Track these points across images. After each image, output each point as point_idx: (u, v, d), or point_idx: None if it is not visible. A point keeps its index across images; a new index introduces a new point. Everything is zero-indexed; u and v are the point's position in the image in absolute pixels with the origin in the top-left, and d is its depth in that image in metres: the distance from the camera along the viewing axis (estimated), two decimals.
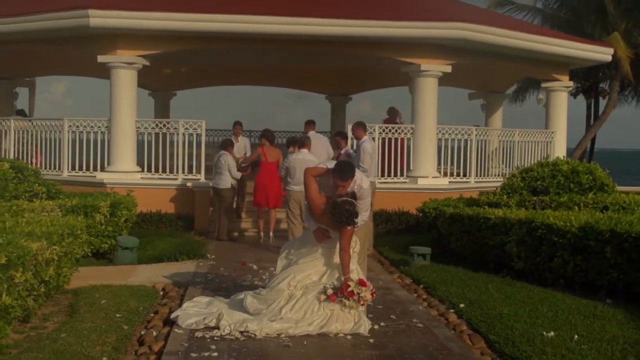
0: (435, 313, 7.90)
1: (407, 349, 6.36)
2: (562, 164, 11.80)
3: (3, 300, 5.94)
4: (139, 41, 14.65)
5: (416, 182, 15.00)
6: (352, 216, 6.82)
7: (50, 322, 7.00)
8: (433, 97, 15.17)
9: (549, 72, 17.87)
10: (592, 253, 8.58)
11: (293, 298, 6.95)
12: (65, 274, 7.99)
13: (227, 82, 21.56)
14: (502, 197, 11.67)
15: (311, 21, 14.31)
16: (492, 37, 15.16)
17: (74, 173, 15.17)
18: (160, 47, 14.82)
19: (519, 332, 6.65)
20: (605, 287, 8.45)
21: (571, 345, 6.20)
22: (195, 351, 6.16)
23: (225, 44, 15.13)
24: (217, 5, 14.58)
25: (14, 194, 10.84)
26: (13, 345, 6.10)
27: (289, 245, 7.65)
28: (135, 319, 7.18)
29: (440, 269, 10.15)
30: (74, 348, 6.03)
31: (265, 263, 10.42)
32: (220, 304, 7.36)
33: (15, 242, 6.55)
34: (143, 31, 14.39)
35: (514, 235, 9.60)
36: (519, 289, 8.65)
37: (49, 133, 15.53)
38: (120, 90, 14.75)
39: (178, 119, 15.26)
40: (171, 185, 14.88)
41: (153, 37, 14.58)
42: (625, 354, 6.00)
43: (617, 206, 10.76)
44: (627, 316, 7.29)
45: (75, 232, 8.46)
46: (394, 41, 14.75)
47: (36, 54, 17.24)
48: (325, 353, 6.26)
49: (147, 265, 10.43)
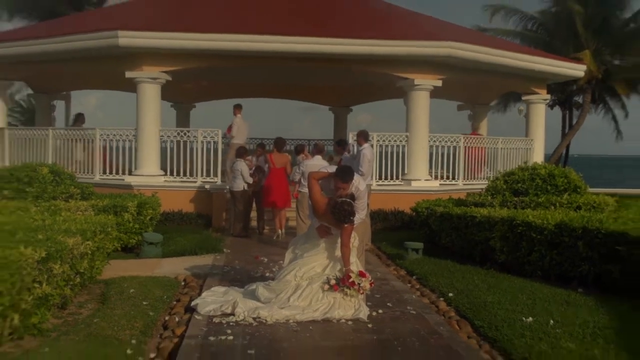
0: (426, 301, 7.95)
1: (401, 333, 6.40)
2: (540, 168, 11.84)
3: (43, 289, 6.02)
4: (163, 59, 14.74)
5: (410, 185, 15.06)
6: (350, 215, 6.89)
7: (84, 309, 7.06)
8: (425, 108, 15.23)
9: (528, 86, 17.94)
10: (566, 248, 8.65)
11: (299, 288, 6.99)
12: (98, 266, 8.06)
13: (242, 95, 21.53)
14: (487, 197, 11.72)
15: (316, 40, 14.40)
16: (477, 54, 15.25)
17: (104, 176, 15.28)
18: (181, 63, 14.89)
19: (501, 317, 6.70)
20: (578, 278, 8.50)
21: (547, 329, 6.26)
22: (213, 335, 6.20)
23: (240, 61, 15.17)
24: (231, 27, 14.65)
25: (52, 195, 10.92)
26: (52, 329, 6.16)
27: (296, 241, 7.68)
28: (160, 306, 7.24)
29: (432, 262, 10.20)
30: (105, 332, 6.10)
31: (275, 257, 10.46)
32: (235, 293, 7.40)
33: (53, 238, 6.63)
34: (166, 50, 14.51)
35: (497, 232, 9.66)
36: (501, 280, 8.71)
37: (84, 140, 15.66)
38: (145, 103, 14.87)
39: (197, 128, 15.35)
40: (191, 187, 14.95)
41: (175, 55, 14.67)
42: (595, 337, 6.05)
43: (589, 206, 10.82)
44: (597, 304, 7.33)
45: (106, 229, 8.53)
46: (390, 58, 14.81)
47: (71, 70, 17.31)
48: (329, 337, 6.30)
49: (170, 259, 10.47)
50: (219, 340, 6.04)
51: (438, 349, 5.96)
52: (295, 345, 6.04)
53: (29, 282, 5.80)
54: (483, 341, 6.29)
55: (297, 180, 12.02)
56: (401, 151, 15.29)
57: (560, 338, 5.97)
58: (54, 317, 6.52)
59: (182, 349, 5.81)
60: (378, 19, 17.14)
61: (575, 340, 5.91)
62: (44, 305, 6.08)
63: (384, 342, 6.17)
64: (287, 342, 6.11)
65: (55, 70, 17.38)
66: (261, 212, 13.85)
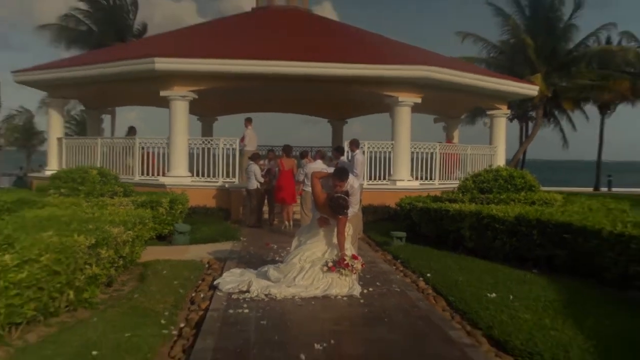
0: (408, 280, 7.92)
1: (388, 307, 6.40)
2: (502, 171, 11.80)
3: (93, 270, 6.03)
4: (190, 80, 14.71)
5: (395, 184, 15.01)
6: (344, 208, 6.90)
7: (126, 286, 7.07)
8: (407, 121, 15.18)
9: (492, 103, 17.89)
10: (523, 236, 8.65)
11: (303, 269, 6.99)
12: (137, 251, 8.04)
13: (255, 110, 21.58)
14: (459, 195, 11.68)
15: (318, 64, 14.39)
16: (451, 77, 15.21)
17: (143, 177, 15.24)
18: (206, 84, 14.85)
19: (469, 294, 6.70)
20: (532, 261, 8.51)
21: (507, 303, 6.25)
22: (232, 308, 6.21)
23: (254, 82, 15.12)
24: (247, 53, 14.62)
25: (100, 193, 10.93)
26: (100, 302, 6.19)
27: (300, 231, 7.67)
28: (188, 285, 7.23)
29: (413, 248, 10.15)
30: (144, 305, 6.11)
31: (283, 244, 10.42)
32: (250, 274, 7.39)
33: (101, 227, 6.65)
34: (193, 73, 14.49)
35: (466, 223, 9.64)
36: (470, 263, 8.69)
37: (126, 148, 15.62)
38: (176, 116, 14.82)
39: (219, 137, 15.28)
40: (213, 186, 14.90)
41: (200, 77, 14.64)
42: (546, 309, 6.06)
43: (541, 202, 10.79)
44: (548, 282, 7.33)
45: (144, 220, 8.52)
46: (379, 80, 14.76)
47: (115, 90, 17.31)
48: (327, 310, 6.30)
49: (196, 246, 10.46)
50: (237, 313, 6.05)
51: (418, 320, 5.95)
52: (300, 316, 6.05)
53: (81, 264, 5.81)
54: (455, 313, 6.30)
55: (301, 180, 11.97)
56: (387, 156, 15.23)
57: (517, 310, 5.97)
58: (101, 292, 6.55)
59: (206, 319, 5.82)
60: (369, 47, 17.11)
61: (530, 312, 5.92)
62: (93, 283, 6.10)
63: (373, 314, 6.18)
64: (293, 314, 6.12)
65: (103, 90, 17.36)
66: (272, 206, 13.81)
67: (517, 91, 17.91)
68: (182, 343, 5.21)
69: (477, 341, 5.33)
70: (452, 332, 5.51)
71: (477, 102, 18.86)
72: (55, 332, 5.18)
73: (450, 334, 5.45)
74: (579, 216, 8.32)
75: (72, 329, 5.25)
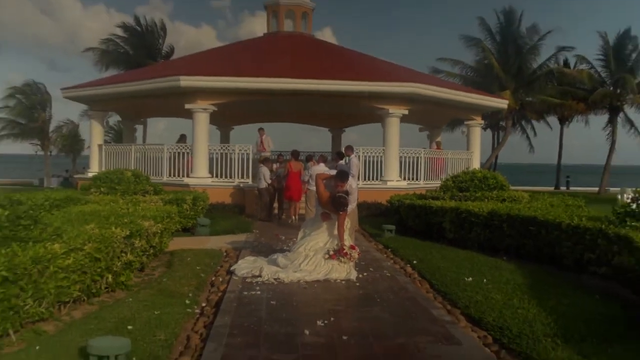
0: (397, 267, 7.91)
1: (380, 289, 6.41)
2: (477, 173, 11.79)
3: (128, 257, 6.02)
4: (211, 95, 14.70)
5: (386, 184, 14.97)
6: (344, 205, 6.89)
7: (156, 272, 7.07)
8: (397, 129, 15.14)
9: (469, 114, 17.84)
10: (495, 228, 8.62)
11: (308, 257, 6.99)
12: (165, 241, 8.02)
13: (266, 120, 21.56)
14: (440, 193, 11.64)
15: (319, 82, 14.42)
16: (434, 92, 15.22)
17: (170, 178, 15.22)
18: (224, 98, 14.85)
19: (450, 278, 6.69)
20: (503, 250, 8.48)
21: (482, 286, 6.25)
22: (246, 290, 6.22)
23: (266, 96, 15.13)
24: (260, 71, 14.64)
25: (134, 191, 10.91)
26: (134, 285, 6.20)
27: (305, 224, 7.67)
28: (209, 270, 7.24)
29: (401, 239, 10.12)
30: (171, 287, 6.12)
31: (290, 235, 10.40)
32: (262, 261, 7.38)
33: (134, 221, 6.64)
34: (213, 89, 14.49)
35: (447, 217, 9.61)
36: (450, 251, 8.65)
37: (156, 153, 15.64)
38: (198, 126, 14.80)
39: (235, 144, 15.25)
40: (230, 186, 14.86)
41: (219, 92, 14.64)
42: (514, 290, 6.05)
43: (511, 199, 10.75)
44: (516, 267, 7.32)
45: (171, 215, 8.51)
46: (372, 94, 14.75)
47: (147, 103, 17.31)
48: (328, 291, 6.31)
49: (215, 237, 10.44)
50: (250, 294, 6.05)
51: (405, 300, 5.95)
52: (304, 297, 6.05)
53: (118, 252, 5.81)
54: (437, 294, 6.29)
55: (306, 181, 11.96)
56: (379, 160, 15.18)
57: (490, 292, 5.96)
58: (135, 277, 6.55)
59: (224, 300, 5.82)
60: (363, 67, 17.03)
61: (500, 293, 5.91)
62: (128, 269, 6.09)
63: (367, 295, 6.18)
64: (298, 295, 6.12)
65: (137, 104, 17.38)
66: (281, 203, 13.79)
67: (489, 104, 17.89)
68: (203, 320, 5.21)
69: (456, 318, 5.32)
70: (435, 311, 5.51)
71: (455, 113, 18.81)
72: (96, 310, 5.19)
73: (433, 313, 5.45)
74: (542, 211, 8.29)
75: (110, 307, 5.25)
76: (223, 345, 4.40)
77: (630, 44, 28.23)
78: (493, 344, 4.63)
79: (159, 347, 4.26)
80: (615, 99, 28.24)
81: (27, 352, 4.04)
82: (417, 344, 4.51)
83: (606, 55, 28.47)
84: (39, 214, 5.68)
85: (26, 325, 4.53)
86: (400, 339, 4.63)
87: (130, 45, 30.22)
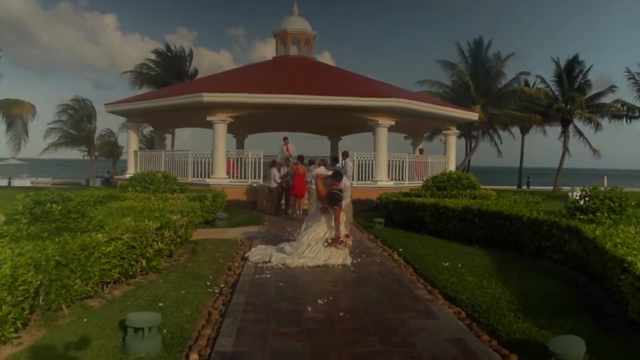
0: (386, 254, 7.84)
1: (371, 272, 6.38)
2: (453, 174, 11.72)
3: (159, 246, 6.01)
4: (229, 108, 14.68)
5: (376, 184, 14.94)
6: (339, 201, 6.88)
7: (182, 258, 7.04)
8: (385, 138, 15.11)
9: (446, 125, 17.81)
10: (468, 221, 8.59)
11: (310, 246, 6.97)
12: (190, 232, 7.99)
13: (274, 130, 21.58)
14: (422, 191, 11.60)
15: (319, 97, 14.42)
16: (416, 106, 15.20)
17: (194, 178, 15.20)
18: (240, 111, 14.81)
19: (430, 263, 6.66)
20: (475, 239, 8.46)
21: (457, 269, 6.23)
22: (258, 274, 6.20)
23: (275, 109, 15.10)
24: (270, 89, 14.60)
25: (164, 190, 10.84)
26: (164, 269, 6.17)
27: (308, 218, 7.63)
28: (226, 257, 7.21)
29: (389, 230, 10.08)
30: (195, 271, 6.10)
31: (296, 227, 10.37)
32: (271, 249, 7.35)
33: (164, 215, 6.62)
34: (230, 103, 14.47)
35: (428, 212, 9.56)
36: (431, 241, 8.61)
37: (182, 157, 15.61)
38: (218, 135, 14.78)
39: (249, 150, 15.27)
40: (244, 185, 14.83)
41: (235, 106, 14.62)
42: (484, 273, 6.02)
43: (481, 196, 10.69)
44: (486, 254, 7.28)
45: (195, 210, 8.46)
46: (364, 108, 14.72)
47: (175, 116, 17.31)
48: (327, 275, 6.28)
49: (232, 228, 10.41)
50: (261, 277, 6.04)
51: (393, 282, 5.93)
52: (307, 280, 6.02)
53: (150, 241, 5.80)
54: (419, 277, 6.26)
55: (309, 181, 11.96)
56: (370, 163, 15.16)
57: (464, 274, 5.95)
58: (165, 262, 6.53)
59: (239, 282, 5.80)
60: (357, 85, 16.96)
61: (472, 276, 5.89)
62: (159, 255, 6.08)
63: (360, 277, 6.16)
64: (302, 278, 6.10)
65: (167, 116, 17.33)
66: (288, 200, 13.77)
67: (463, 117, 17.84)
68: (222, 299, 5.19)
69: (435, 297, 5.30)
70: (418, 291, 5.49)
71: (435, 124, 18.79)
72: (133, 289, 5.18)
73: (416, 292, 5.43)
74: (507, 207, 8.27)
75: (144, 287, 5.24)
76: (239, 320, 4.38)
77: (577, 68, 28.49)
78: (466, 318, 4.62)
79: (185, 321, 4.26)
80: (566, 113, 28.42)
81: (77, 323, 4.07)
82: (402, 318, 4.50)
83: (559, 76, 28.60)
84: (86, 208, 5.66)
85: (76, 302, 4.54)
86: (389, 314, 4.62)
87: (161, 67, 30.40)
